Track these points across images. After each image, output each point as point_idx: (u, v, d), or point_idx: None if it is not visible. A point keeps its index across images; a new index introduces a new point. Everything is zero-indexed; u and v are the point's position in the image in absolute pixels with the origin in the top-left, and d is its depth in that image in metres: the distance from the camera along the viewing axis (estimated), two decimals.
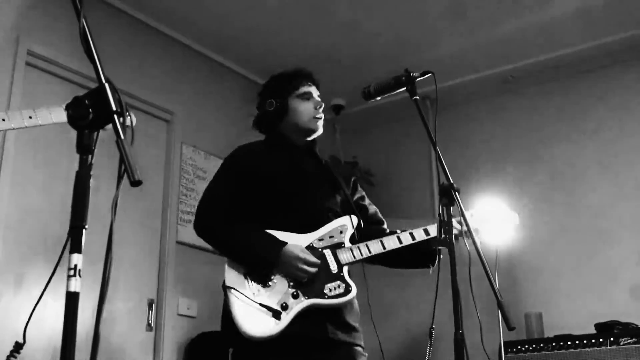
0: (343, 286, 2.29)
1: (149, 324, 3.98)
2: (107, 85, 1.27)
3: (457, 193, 1.95)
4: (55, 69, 3.76)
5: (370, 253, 2.36)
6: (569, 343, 3.81)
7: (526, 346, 3.94)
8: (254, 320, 2.20)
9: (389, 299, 2.48)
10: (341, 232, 2.39)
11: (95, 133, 1.27)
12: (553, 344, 3.86)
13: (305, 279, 2.26)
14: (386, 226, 2.62)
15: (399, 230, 2.46)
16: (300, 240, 2.34)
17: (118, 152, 1.22)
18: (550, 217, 4.71)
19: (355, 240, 2.40)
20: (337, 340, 2.29)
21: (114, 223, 1.26)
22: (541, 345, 3.90)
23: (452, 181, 1.98)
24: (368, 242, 2.37)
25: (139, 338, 3.92)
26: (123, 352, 3.77)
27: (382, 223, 2.63)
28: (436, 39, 4.65)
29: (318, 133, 2.55)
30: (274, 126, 2.55)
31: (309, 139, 2.56)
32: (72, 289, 1.19)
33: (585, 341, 3.76)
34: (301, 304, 2.24)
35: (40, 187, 3.57)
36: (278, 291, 2.26)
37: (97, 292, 1.23)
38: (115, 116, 1.25)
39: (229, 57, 4.88)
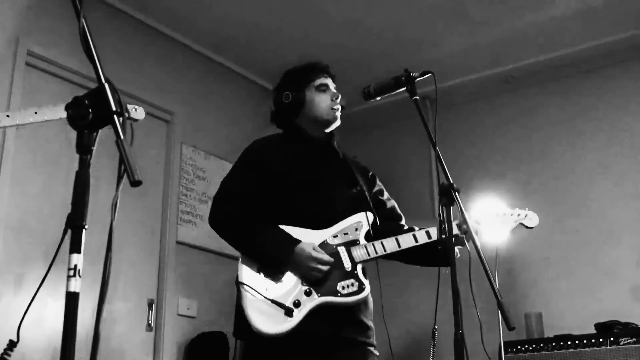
0: (356, 284, 2.26)
1: (149, 324, 3.98)
2: (107, 85, 1.27)
3: (457, 193, 1.95)
4: (55, 69, 3.76)
5: (385, 251, 2.34)
6: (569, 343, 3.81)
7: (526, 346, 3.94)
8: (266, 316, 2.19)
9: (389, 300, 2.46)
10: (356, 229, 2.37)
11: (95, 133, 1.27)
12: (553, 344, 3.86)
13: (318, 278, 2.24)
14: (404, 222, 2.58)
15: (416, 227, 2.43)
16: (314, 236, 2.31)
17: (118, 153, 1.22)
18: (550, 217, 4.71)
19: (370, 237, 2.37)
20: (349, 338, 2.28)
21: (114, 223, 1.26)
22: (541, 345, 3.90)
23: (452, 181, 1.98)
24: (383, 240, 2.34)
25: (139, 338, 3.92)
26: (123, 352, 3.77)
27: (400, 219, 2.59)
28: (436, 39, 4.65)
29: (336, 124, 2.53)
30: (291, 119, 2.54)
31: (327, 131, 2.54)
32: (72, 289, 1.19)
33: (585, 341, 3.76)
34: (313, 302, 2.22)
35: (40, 187, 3.57)
36: (291, 288, 2.24)
37: (97, 292, 1.23)
38: (115, 116, 1.25)
39: (229, 57, 4.87)
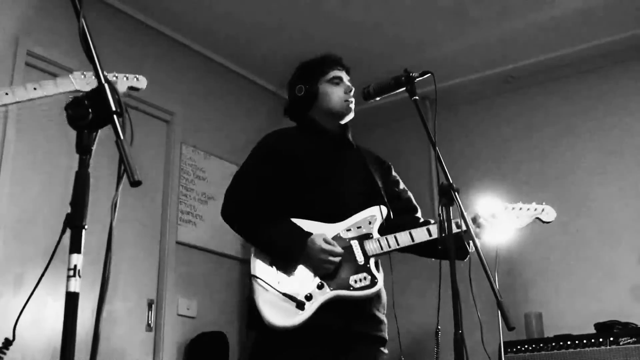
0: (369, 278, 2.25)
1: (149, 324, 3.98)
2: (107, 85, 1.27)
3: (457, 193, 1.95)
4: (55, 69, 3.76)
5: (398, 245, 2.32)
6: (569, 343, 3.81)
7: (526, 346, 3.94)
8: (278, 310, 2.19)
9: (389, 300, 2.46)
10: (370, 223, 2.35)
11: (94, 133, 1.27)
12: (553, 344, 3.86)
13: (330, 271, 2.24)
14: (420, 214, 2.57)
15: (432, 220, 2.42)
16: (327, 230, 2.30)
17: (118, 153, 1.22)
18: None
19: (384, 231, 2.36)
20: (361, 332, 2.27)
21: (114, 223, 1.26)
22: (541, 345, 3.90)
23: (452, 181, 1.98)
24: (397, 234, 2.33)
25: (139, 338, 3.92)
26: (123, 353, 3.77)
27: (416, 211, 2.58)
28: (436, 39, 4.65)
29: (349, 117, 2.53)
30: (305, 112, 2.53)
31: (342, 123, 2.53)
32: (72, 289, 1.19)
33: (585, 341, 3.77)
34: (326, 295, 2.21)
35: (40, 187, 3.57)
36: (303, 281, 2.23)
37: (97, 292, 1.23)
38: (114, 116, 1.25)
39: (229, 57, 4.87)
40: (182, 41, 4.60)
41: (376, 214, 2.38)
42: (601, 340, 3.72)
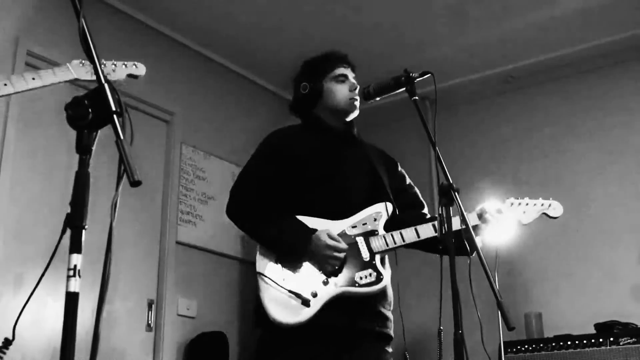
0: (374, 274, 2.25)
1: (149, 324, 3.98)
2: (107, 85, 1.27)
3: (457, 193, 1.95)
4: None
5: (404, 241, 2.32)
6: (569, 343, 3.81)
7: (526, 346, 3.94)
8: (283, 307, 2.19)
9: (394, 297, 2.46)
10: (375, 219, 2.35)
11: (94, 133, 1.27)
12: (553, 344, 3.86)
13: (336, 267, 2.24)
14: (426, 210, 2.57)
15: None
16: (332, 227, 2.30)
17: (118, 153, 1.22)
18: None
19: (390, 227, 2.36)
20: (366, 329, 2.27)
21: (114, 223, 1.26)
22: (541, 345, 3.90)
23: (452, 181, 1.98)
24: (402, 230, 2.33)
25: (139, 338, 3.92)
26: (123, 353, 3.77)
27: (422, 207, 2.57)
28: (436, 39, 4.65)
29: (354, 114, 2.53)
30: (309, 109, 2.53)
31: (347, 120, 2.53)
32: (72, 289, 1.19)
33: (585, 341, 3.77)
34: (331, 292, 2.21)
35: (40, 187, 3.57)
36: (308, 278, 2.23)
37: (97, 292, 1.23)
38: (114, 116, 1.24)
39: (229, 58, 4.87)
40: (182, 41, 4.60)
41: (381, 211, 2.38)
42: (601, 340, 3.72)
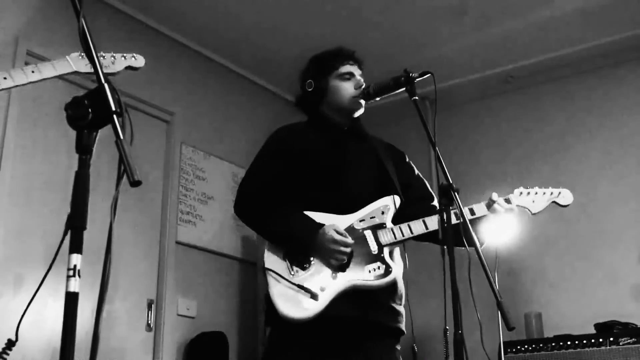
0: (383, 267, 2.25)
1: (149, 325, 3.98)
2: (107, 85, 1.27)
3: (457, 193, 1.95)
4: None
5: (412, 234, 2.32)
6: (569, 343, 3.81)
7: (526, 346, 3.94)
8: (292, 301, 2.19)
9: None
10: (383, 213, 2.35)
11: (94, 133, 1.27)
12: (553, 344, 3.86)
13: (343, 261, 2.23)
14: (436, 202, 2.54)
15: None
16: (340, 221, 2.30)
17: (118, 153, 1.22)
18: (550, 217, 4.70)
19: (398, 220, 2.35)
20: (376, 322, 2.26)
21: (114, 223, 1.26)
22: (541, 345, 3.90)
23: (452, 181, 1.98)
24: (410, 223, 2.32)
25: (139, 338, 3.91)
26: (122, 353, 3.77)
27: (431, 199, 2.55)
28: (436, 39, 4.65)
29: (359, 113, 2.52)
30: (315, 107, 2.53)
31: (354, 117, 2.52)
32: (72, 290, 1.19)
33: (584, 341, 3.76)
34: (340, 286, 2.21)
35: (40, 187, 3.57)
36: (317, 272, 2.23)
37: (97, 292, 1.23)
38: (114, 116, 1.24)
39: (230, 57, 4.87)
40: (182, 41, 4.60)
41: (389, 204, 2.37)
42: (601, 340, 3.72)
